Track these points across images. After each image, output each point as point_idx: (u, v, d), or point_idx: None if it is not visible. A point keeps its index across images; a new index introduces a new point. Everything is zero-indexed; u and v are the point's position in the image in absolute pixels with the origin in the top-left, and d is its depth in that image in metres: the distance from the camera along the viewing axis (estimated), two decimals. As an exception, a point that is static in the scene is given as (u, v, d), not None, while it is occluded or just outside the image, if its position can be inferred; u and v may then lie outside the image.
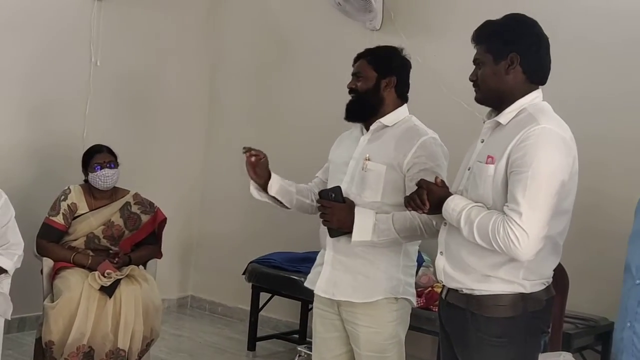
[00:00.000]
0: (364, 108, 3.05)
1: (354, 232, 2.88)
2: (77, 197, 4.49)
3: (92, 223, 4.48)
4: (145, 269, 4.55)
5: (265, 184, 3.12)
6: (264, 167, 3.09)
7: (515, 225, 2.32)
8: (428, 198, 2.52)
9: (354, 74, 3.10)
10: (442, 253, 2.58)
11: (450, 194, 2.52)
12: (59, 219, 4.43)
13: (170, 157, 6.14)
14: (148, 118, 5.98)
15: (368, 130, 3.06)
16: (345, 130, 3.27)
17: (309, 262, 3.35)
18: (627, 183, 4.29)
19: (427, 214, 2.64)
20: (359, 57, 3.12)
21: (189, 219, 6.33)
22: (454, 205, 2.46)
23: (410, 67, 3.13)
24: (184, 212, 6.23)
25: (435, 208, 2.52)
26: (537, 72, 2.53)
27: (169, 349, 5.21)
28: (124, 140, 5.33)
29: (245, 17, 6.17)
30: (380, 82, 3.03)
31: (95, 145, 4.59)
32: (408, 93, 3.11)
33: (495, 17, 2.59)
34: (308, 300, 4.67)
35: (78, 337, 4.09)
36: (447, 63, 4.94)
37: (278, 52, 5.96)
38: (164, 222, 4.69)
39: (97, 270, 4.26)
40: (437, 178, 2.59)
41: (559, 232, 2.47)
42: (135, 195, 4.64)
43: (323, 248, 3.10)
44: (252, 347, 5.27)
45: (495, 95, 2.54)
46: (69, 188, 4.51)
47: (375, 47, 3.16)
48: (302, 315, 5.45)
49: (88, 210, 4.48)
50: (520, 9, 2.62)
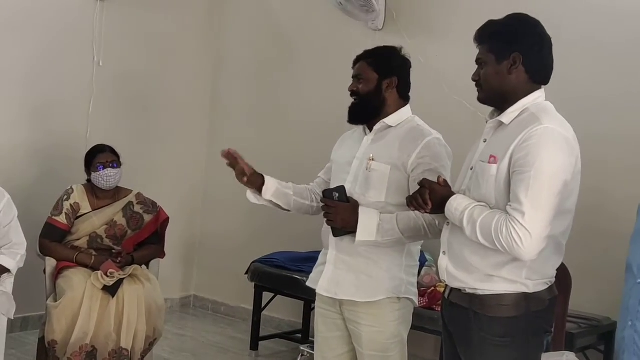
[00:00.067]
0: (367, 110, 3.03)
1: (358, 231, 2.87)
2: (79, 196, 4.49)
3: (94, 223, 4.48)
4: (148, 269, 4.55)
5: (260, 189, 3.11)
6: (249, 173, 3.07)
7: (518, 225, 2.31)
8: (430, 197, 2.51)
9: (355, 77, 3.07)
10: (444, 253, 2.58)
11: (453, 194, 2.51)
12: (62, 219, 4.44)
13: (173, 156, 6.14)
14: (150, 118, 5.99)
15: (371, 131, 3.05)
16: (348, 130, 3.25)
17: (312, 261, 3.34)
18: (629, 182, 4.29)
19: (429, 214, 2.63)
20: (359, 59, 3.10)
21: (192, 219, 6.33)
22: (457, 205, 2.46)
23: (411, 66, 3.11)
24: (187, 211, 6.23)
25: (438, 208, 2.52)
26: (539, 71, 2.53)
27: (172, 349, 5.21)
28: (127, 140, 5.33)
29: (248, 17, 6.18)
30: (382, 83, 3.02)
31: (98, 145, 4.59)
32: (410, 92, 3.10)
33: (498, 16, 2.59)
34: (311, 300, 4.65)
35: (81, 336, 4.10)
36: (449, 63, 4.93)
37: (279, 51, 5.96)
38: (167, 221, 4.69)
39: (99, 270, 4.26)
40: (439, 177, 2.59)
41: (562, 231, 2.47)
42: (138, 195, 4.64)
43: (325, 247, 3.09)
44: (254, 346, 5.27)
45: (498, 95, 2.53)
46: (72, 188, 4.51)
47: (374, 48, 3.14)
48: (304, 315, 5.44)
49: (91, 210, 4.49)
50: (523, 9, 2.62)
